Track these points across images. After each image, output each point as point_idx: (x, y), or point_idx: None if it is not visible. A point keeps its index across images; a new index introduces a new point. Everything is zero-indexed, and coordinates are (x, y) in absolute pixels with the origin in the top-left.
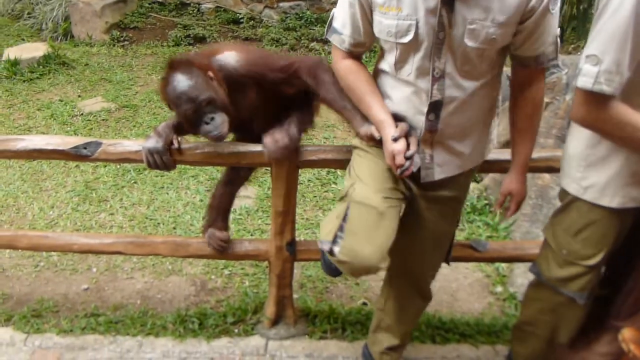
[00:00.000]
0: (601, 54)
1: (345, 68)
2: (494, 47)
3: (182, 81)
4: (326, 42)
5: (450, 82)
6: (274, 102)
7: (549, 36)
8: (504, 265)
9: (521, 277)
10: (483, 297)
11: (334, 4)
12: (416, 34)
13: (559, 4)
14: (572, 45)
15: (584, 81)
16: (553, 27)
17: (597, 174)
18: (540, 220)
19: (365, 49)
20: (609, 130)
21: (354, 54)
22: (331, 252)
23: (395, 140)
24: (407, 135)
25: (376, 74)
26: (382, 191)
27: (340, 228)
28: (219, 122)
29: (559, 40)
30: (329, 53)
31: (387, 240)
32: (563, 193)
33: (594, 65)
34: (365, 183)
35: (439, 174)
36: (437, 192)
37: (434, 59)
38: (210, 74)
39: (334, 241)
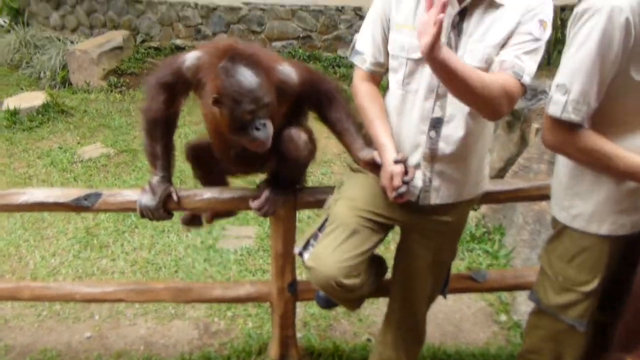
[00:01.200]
0: (569, 84)
1: (364, 90)
2: (490, 66)
3: (249, 77)
4: None
5: (451, 100)
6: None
7: (521, 52)
8: (506, 293)
9: (524, 304)
10: (487, 326)
11: (325, 41)
12: None
13: (545, 35)
14: None
15: (554, 109)
16: (529, 48)
17: (583, 203)
18: (539, 246)
19: (383, 70)
20: (577, 156)
21: (375, 75)
22: (301, 257)
23: (395, 163)
24: (406, 164)
25: (385, 96)
26: (362, 212)
27: (315, 236)
28: (270, 130)
29: (532, 69)
30: None
31: (353, 256)
32: (554, 221)
33: (562, 94)
34: (348, 201)
35: (435, 199)
36: (433, 218)
37: None
38: (270, 77)
39: (305, 247)
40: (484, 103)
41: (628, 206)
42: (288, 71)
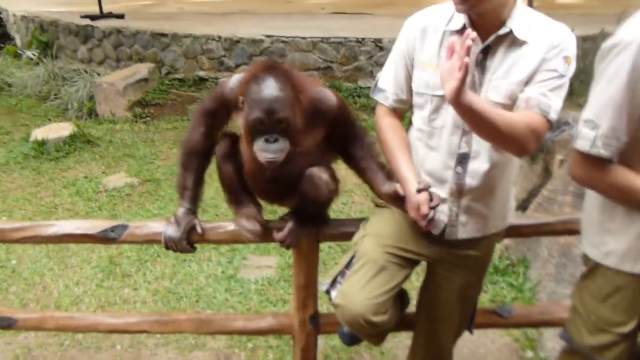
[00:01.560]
0: (598, 120)
1: (387, 124)
2: (514, 102)
3: (272, 88)
4: None
5: (478, 137)
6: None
7: (547, 89)
8: (532, 329)
9: (551, 340)
10: None
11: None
12: None
13: (570, 71)
14: (583, 98)
15: (582, 144)
16: (554, 85)
17: (615, 240)
18: (565, 280)
19: (406, 107)
20: (606, 191)
21: (397, 111)
22: (328, 294)
23: (418, 192)
24: (429, 191)
25: (409, 131)
26: (389, 248)
27: (342, 274)
28: (280, 147)
29: (558, 105)
30: None
31: (381, 293)
32: (585, 257)
33: (591, 129)
34: (375, 237)
35: (462, 233)
36: (459, 252)
37: None
38: (300, 98)
39: (333, 284)
40: (510, 142)
41: None
42: (326, 93)
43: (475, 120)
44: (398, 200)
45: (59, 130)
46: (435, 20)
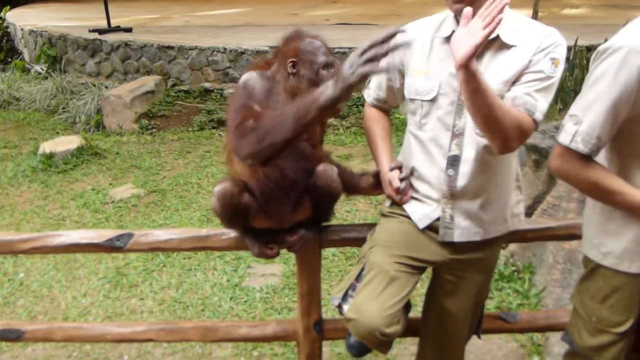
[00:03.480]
0: (581, 116)
1: (369, 115)
2: None
3: (317, 40)
4: (343, 117)
5: (468, 139)
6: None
7: (533, 89)
8: (538, 334)
9: (557, 345)
10: None
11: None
12: (438, 93)
13: (557, 73)
14: None
15: (563, 137)
16: (541, 86)
17: (614, 241)
18: (571, 285)
19: (386, 106)
20: (579, 186)
21: (377, 108)
22: (340, 309)
23: (391, 170)
24: (400, 168)
25: (406, 136)
26: (398, 257)
27: (352, 287)
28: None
29: (543, 106)
30: (347, 128)
31: (394, 303)
32: (586, 259)
33: (574, 124)
34: (383, 247)
35: (458, 237)
36: (464, 257)
37: (455, 117)
38: None
39: (344, 298)
40: (499, 130)
41: None
42: None
43: (475, 91)
44: (378, 187)
45: (67, 143)
46: (422, 31)
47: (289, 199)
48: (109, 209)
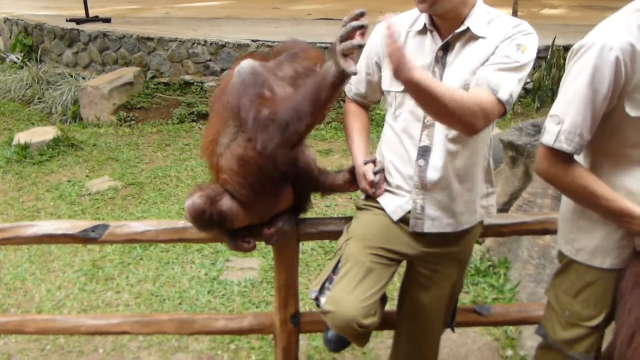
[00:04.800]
0: (562, 115)
1: (348, 109)
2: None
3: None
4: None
5: (439, 130)
6: None
7: (497, 68)
8: (512, 327)
9: (530, 339)
10: None
11: None
12: None
13: (524, 59)
14: None
15: (547, 138)
16: (505, 66)
17: (587, 237)
18: (544, 280)
19: (365, 101)
20: (564, 187)
21: (358, 102)
22: (317, 301)
23: (365, 164)
24: (375, 161)
25: (384, 128)
26: (373, 249)
27: (329, 280)
28: None
29: (509, 86)
30: (328, 123)
31: (371, 294)
32: (560, 254)
33: (556, 124)
34: (359, 240)
35: (429, 227)
36: (438, 250)
37: None
38: None
39: (321, 291)
40: (458, 119)
41: (632, 241)
42: None
43: (420, 96)
44: (354, 183)
45: (43, 134)
46: (399, 25)
47: (277, 191)
48: (85, 201)
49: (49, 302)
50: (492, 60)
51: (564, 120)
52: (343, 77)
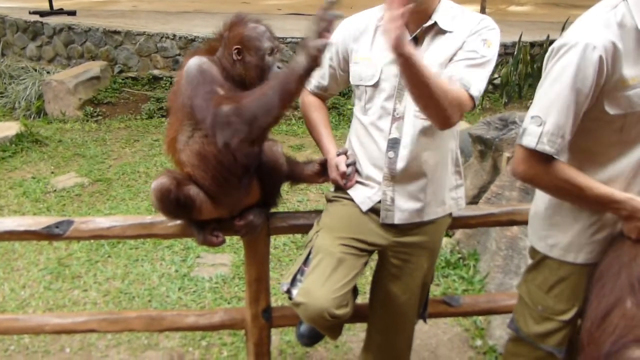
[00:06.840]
0: (544, 116)
1: (308, 102)
2: None
3: (261, 25)
4: (295, 107)
5: (408, 123)
6: None
7: (467, 65)
8: (481, 318)
9: (499, 329)
10: (463, 351)
11: None
12: (379, 78)
13: (490, 53)
14: (530, 101)
15: (528, 140)
16: (474, 62)
17: (560, 233)
18: (512, 271)
19: (327, 94)
20: (549, 187)
21: (317, 95)
22: (289, 294)
23: (338, 155)
24: (347, 154)
25: (352, 121)
26: (344, 239)
27: (301, 271)
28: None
29: (478, 84)
30: (299, 118)
31: (342, 285)
32: (532, 250)
33: (537, 126)
34: (329, 231)
35: (399, 219)
36: (407, 240)
37: (396, 102)
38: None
39: (293, 283)
40: (440, 108)
41: (606, 235)
42: None
43: (412, 74)
44: (323, 174)
45: (5, 129)
46: (368, 21)
47: (241, 184)
48: (50, 198)
49: (12, 301)
50: (460, 56)
51: (546, 121)
52: (310, 72)
